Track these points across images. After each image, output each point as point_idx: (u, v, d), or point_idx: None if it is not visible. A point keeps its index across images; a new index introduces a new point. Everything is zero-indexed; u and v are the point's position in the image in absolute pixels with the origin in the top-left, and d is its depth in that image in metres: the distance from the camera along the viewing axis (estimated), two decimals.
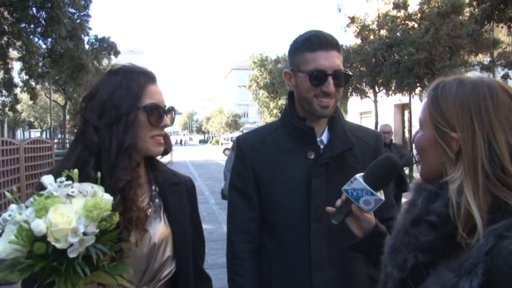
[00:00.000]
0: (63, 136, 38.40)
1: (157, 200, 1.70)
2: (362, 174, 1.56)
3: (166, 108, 1.65)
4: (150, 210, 1.64)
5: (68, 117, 34.49)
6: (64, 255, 1.23)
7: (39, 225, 1.21)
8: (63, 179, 1.33)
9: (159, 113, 1.60)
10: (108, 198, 1.33)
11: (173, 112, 1.69)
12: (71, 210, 1.25)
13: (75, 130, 1.62)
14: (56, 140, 35.21)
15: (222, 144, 44.22)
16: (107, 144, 1.51)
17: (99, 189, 1.35)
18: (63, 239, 1.22)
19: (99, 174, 1.41)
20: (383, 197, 1.56)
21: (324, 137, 1.95)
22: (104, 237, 1.29)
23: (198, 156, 34.74)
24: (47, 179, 1.33)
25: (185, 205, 1.80)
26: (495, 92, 1.22)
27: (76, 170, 1.37)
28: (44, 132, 49.77)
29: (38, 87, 27.25)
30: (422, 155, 1.33)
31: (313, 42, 1.85)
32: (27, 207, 1.29)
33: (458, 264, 1.16)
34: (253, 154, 1.98)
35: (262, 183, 1.96)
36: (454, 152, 1.21)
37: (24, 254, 1.23)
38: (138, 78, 1.60)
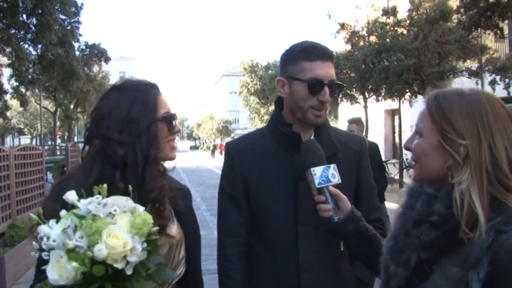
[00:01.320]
0: (53, 143, 38.13)
1: (168, 205, 1.74)
2: (310, 168, 1.75)
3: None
4: None
5: (58, 123, 34.25)
6: (121, 272, 1.25)
7: (102, 251, 1.21)
8: (100, 196, 1.33)
9: (172, 121, 1.71)
10: (144, 211, 1.35)
11: (176, 117, 1.78)
12: (123, 231, 1.26)
13: (89, 147, 1.64)
14: (46, 147, 34.95)
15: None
16: (132, 158, 1.57)
17: (131, 201, 1.36)
18: (121, 259, 1.24)
19: (130, 187, 1.42)
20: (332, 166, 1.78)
21: None
22: (153, 248, 1.33)
23: (189, 162, 34.66)
24: (84, 201, 1.31)
25: (191, 208, 1.90)
26: (493, 102, 1.38)
27: (105, 186, 1.37)
28: (34, 139, 49.45)
29: (28, 93, 27.07)
30: (423, 159, 1.43)
31: (312, 52, 1.91)
32: (50, 227, 1.28)
33: (462, 259, 1.30)
34: (241, 159, 2.03)
35: (251, 188, 2.00)
36: (461, 157, 1.33)
37: (78, 277, 1.23)
38: (149, 91, 1.69)
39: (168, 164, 1.83)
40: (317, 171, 1.75)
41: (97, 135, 1.61)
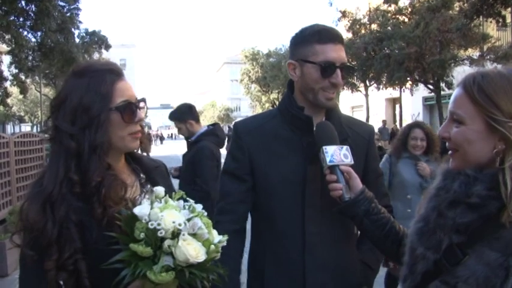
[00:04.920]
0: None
1: (148, 186, 1.71)
2: (322, 146, 1.78)
3: (138, 100, 1.64)
4: (140, 197, 1.63)
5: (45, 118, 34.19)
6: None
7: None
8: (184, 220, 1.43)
9: (131, 110, 1.59)
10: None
11: (145, 103, 1.67)
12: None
13: (47, 136, 1.61)
14: (46, 135, 34.92)
15: None
16: (82, 148, 1.52)
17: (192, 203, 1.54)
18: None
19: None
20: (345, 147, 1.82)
21: None
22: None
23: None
24: (177, 217, 1.43)
25: (170, 185, 1.84)
26: None
27: (182, 192, 1.55)
28: (35, 127, 49.46)
29: (28, 81, 26.97)
30: (466, 147, 1.37)
31: (323, 34, 1.90)
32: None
33: (503, 244, 1.26)
34: (250, 140, 2.02)
35: (258, 168, 1.99)
36: None
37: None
38: (104, 78, 1.57)
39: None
40: (329, 150, 1.76)
41: (53, 124, 1.58)
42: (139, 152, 1.83)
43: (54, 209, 1.46)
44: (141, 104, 1.64)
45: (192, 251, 1.36)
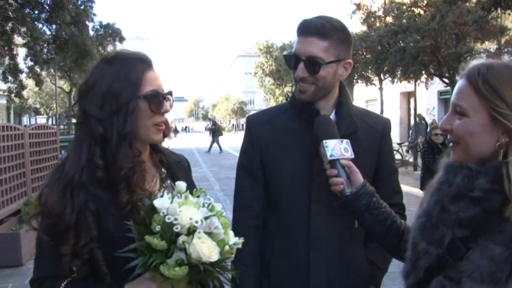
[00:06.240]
0: (69, 122, 38.49)
1: (168, 181, 1.73)
2: (322, 141, 1.76)
3: (165, 93, 1.65)
4: (160, 191, 1.63)
5: (73, 103, 34.55)
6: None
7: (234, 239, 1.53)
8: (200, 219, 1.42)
9: (159, 100, 1.60)
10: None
11: (171, 96, 1.68)
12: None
13: (75, 121, 1.63)
14: (61, 127, 35.23)
15: None
16: (109, 135, 1.52)
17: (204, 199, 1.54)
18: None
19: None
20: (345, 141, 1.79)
21: None
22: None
23: (204, 143, 34.80)
24: (195, 214, 1.42)
25: (191, 181, 1.84)
26: None
27: (203, 189, 1.58)
28: (50, 119, 49.97)
29: (44, 73, 27.23)
30: (468, 140, 1.35)
31: (298, 28, 1.91)
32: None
33: (507, 238, 1.25)
34: (260, 133, 2.03)
35: (267, 162, 2.00)
36: None
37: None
38: (135, 66, 1.59)
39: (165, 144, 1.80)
40: (329, 144, 1.74)
41: (80, 109, 1.59)
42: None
43: (74, 195, 1.49)
44: (168, 96, 1.65)
45: (205, 249, 1.36)
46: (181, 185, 1.53)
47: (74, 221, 1.46)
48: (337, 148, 1.74)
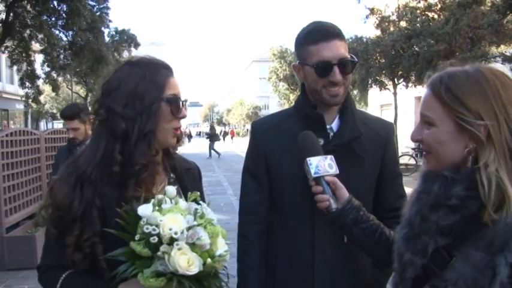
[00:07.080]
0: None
1: (176, 186, 1.74)
2: (306, 158, 1.76)
3: (183, 100, 1.72)
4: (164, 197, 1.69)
5: (89, 109, 34.80)
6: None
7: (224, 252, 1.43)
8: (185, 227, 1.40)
9: (178, 104, 1.66)
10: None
11: (186, 103, 1.75)
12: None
13: (96, 118, 1.66)
14: None
15: None
16: (131, 132, 1.58)
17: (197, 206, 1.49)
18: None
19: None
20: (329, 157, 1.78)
21: (334, 125, 1.99)
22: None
23: (218, 147, 34.88)
24: (177, 223, 1.38)
25: (201, 189, 1.87)
26: (500, 76, 1.33)
27: (198, 193, 1.56)
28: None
29: (60, 79, 27.54)
30: (438, 149, 1.38)
31: (314, 35, 1.89)
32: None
33: (487, 243, 1.25)
34: (265, 139, 2.05)
35: (272, 167, 2.02)
36: (484, 138, 1.28)
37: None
38: (160, 71, 1.66)
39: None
40: (313, 161, 1.74)
41: (103, 105, 1.63)
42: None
43: (83, 189, 1.54)
44: (184, 103, 1.72)
45: (183, 262, 1.31)
46: (171, 190, 1.52)
47: (81, 212, 1.52)
48: (321, 165, 1.74)
